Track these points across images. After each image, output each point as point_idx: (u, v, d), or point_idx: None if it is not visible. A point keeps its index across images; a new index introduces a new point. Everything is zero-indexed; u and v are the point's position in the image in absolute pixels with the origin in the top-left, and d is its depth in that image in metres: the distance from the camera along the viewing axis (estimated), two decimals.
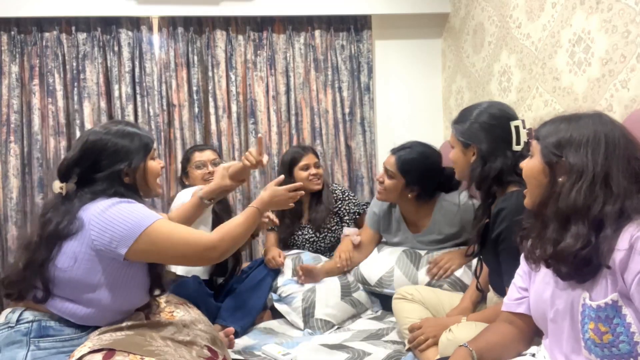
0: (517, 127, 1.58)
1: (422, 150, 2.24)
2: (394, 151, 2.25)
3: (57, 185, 1.41)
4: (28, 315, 1.32)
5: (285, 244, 2.69)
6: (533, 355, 1.18)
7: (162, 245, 1.34)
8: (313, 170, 2.59)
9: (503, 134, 1.58)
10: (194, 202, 1.81)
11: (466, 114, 1.68)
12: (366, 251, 2.44)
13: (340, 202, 2.68)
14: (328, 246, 2.66)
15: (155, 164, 1.53)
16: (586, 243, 0.97)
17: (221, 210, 2.37)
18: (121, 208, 1.33)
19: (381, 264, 2.33)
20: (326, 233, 2.64)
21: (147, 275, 1.43)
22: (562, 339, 1.07)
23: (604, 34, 1.81)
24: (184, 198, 2.17)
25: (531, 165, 1.13)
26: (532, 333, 1.23)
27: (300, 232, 2.66)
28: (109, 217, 1.31)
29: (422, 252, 2.27)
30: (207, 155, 2.47)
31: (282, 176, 1.79)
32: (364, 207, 2.73)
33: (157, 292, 1.50)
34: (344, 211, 2.66)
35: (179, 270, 2.22)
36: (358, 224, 2.69)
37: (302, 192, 1.72)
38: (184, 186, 2.50)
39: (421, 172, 2.19)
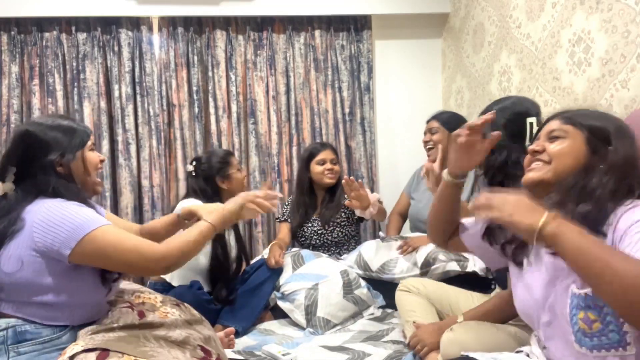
0: (531, 124, 1.63)
1: (451, 111, 2.69)
2: (431, 117, 2.55)
3: None
4: (1, 323, 1.28)
5: (294, 234, 2.76)
6: (527, 355, 1.18)
7: (108, 251, 1.28)
8: (329, 166, 2.69)
9: (513, 128, 1.60)
10: (171, 219, 1.71)
11: (490, 106, 1.73)
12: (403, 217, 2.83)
13: None
14: (335, 240, 2.70)
15: (93, 155, 1.46)
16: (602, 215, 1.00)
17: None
18: (66, 209, 1.28)
19: (387, 253, 2.43)
20: (334, 227, 2.69)
21: (97, 270, 1.37)
22: (557, 340, 1.06)
23: (604, 34, 1.81)
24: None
25: (569, 149, 1.11)
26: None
27: (309, 224, 2.71)
28: (53, 217, 1.26)
29: None
30: (236, 159, 2.49)
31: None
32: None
33: (114, 277, 1.42)
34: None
35: (174, 280, 2.22)
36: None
37: (275, 200, 1.62)
38: (216, 192, 2.36)
39: (458, 120, 2.46)
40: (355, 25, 3.23)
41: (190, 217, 1.63)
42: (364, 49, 3.24)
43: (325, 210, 2.69)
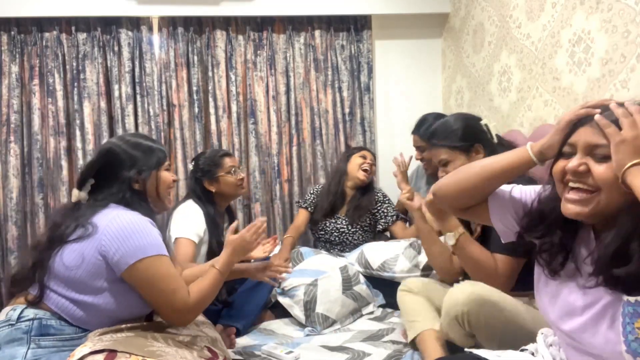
0: (487, 125, 1.73)
1: (432, 117, 2.50)
2: (414, 132, 2.31)
3: (74, 194, 1.44)
4: (29, 313, 1.32)
5: (315, 224, 2.79)
6: (532, 354, 1.18)
7: (153, 281, 1.33)
8: (368, 162, 2.74)
9: (481, 128, 1.73)
10: (209, 273, 1.57)
11: (444, 127, 1.76)
12: None
13: (380, 204, 2.78)
14: (355, 242, 2.72)
15: (167, 174, 1.55)
16: None
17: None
18: (140, 225, 1.34)
19: (387, 251, 2.44)
20: (357, 229, 2.72)
21: None
22: (592, 342, 0.97)
23: (604, 34, 1.81)
24: (198, 217, 2.18)
25: (611, 172, 0.90)
26: None
27: (333, 220, 2.73)
28: (125, 228, 1.32)
29: None
30: (234, 160, 2.40)
31: (236, 222, 1.83)
32: (399, 215, 2.81)
33: None
34: (382, 214, 2.76)
35: None
36: (392, 231, 2.77)
37: (263, 227, 1.72)
38: (206, 194, 2.28)
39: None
40: (355, 25, 3.23)
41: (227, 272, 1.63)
42: (364, 49, 3.24)
43: (354, 210, 2.71)
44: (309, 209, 2.80)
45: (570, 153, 0.97)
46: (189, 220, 2.17)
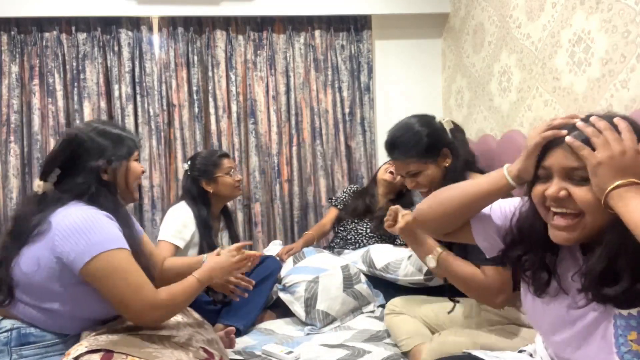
0: (441, 123, 1.72)
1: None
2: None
3: (36, 184, 1.36)
4: (6, 324, 1.28)
5: (339, 222, 2.79)
6: (530, 355, 1.18)
7: (114, 278, 1.24)
8: (393, 169, 2.64)
9: (442, 127, 1.72)
10: (187, 279, 1.49)
11: (407, 138, 1.70)
12: None
13: None
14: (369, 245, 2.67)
15: (137, 165, 1.47)
16: None
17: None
18: (95, 220, 1.26)
19: (394, 253, 2.42)
20: (375, 235, 2.67)
21: None
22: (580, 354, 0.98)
23: (604, 34, 1.81)
24: (187, 220, 2.18)
25: (592, 195, 0.88)
26: None
27: (356, 221, 2.72)
28: (79, 225, 1.24)
29: None
30: (232, 162, 2.39)
31: (219, 249, 1.75)
32: None
33: None
34: None
35: None
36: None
37: (251, 257, 1.67)
38: (202, 195, 2.28)
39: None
40: (355, 25, 3.23)
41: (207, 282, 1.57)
42: (364, 49, 3.24)
43: (379, 221, 2.60)
44: (339, 206, 2.82)
45: (546, 176, 0.94)
46: (176, 224, 2.16)
